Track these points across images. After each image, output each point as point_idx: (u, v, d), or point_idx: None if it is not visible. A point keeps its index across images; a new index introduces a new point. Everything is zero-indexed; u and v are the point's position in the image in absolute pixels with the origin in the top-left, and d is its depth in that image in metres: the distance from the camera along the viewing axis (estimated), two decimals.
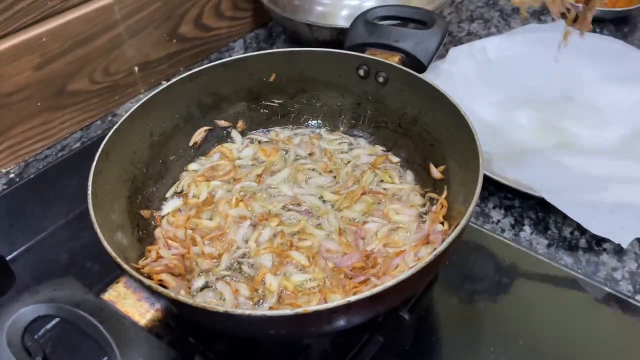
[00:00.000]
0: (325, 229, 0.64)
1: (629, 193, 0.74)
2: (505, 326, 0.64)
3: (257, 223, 0.64)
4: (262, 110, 0.78)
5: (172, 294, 0.45)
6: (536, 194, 0.76)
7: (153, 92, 0.68)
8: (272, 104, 0.78)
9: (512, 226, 0.78)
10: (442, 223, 0.61)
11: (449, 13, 1.25)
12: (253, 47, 1.18)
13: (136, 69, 1.03)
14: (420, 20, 0.76)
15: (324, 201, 0.67)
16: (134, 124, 0.65)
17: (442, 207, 0.63)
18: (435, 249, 0.55)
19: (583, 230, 0.76)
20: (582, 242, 0.76)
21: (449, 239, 0.50)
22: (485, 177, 0.80)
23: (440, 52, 1.14)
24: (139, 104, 0.66)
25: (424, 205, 0.66)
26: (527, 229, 0.78)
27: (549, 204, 0.75)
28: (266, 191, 0.69)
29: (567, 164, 0.82)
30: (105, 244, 0.49)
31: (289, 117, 0.79)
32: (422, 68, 0.72)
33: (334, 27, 0.97)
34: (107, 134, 0.61)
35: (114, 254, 0.48)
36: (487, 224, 0.79)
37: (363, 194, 0.67)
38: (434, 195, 0.66)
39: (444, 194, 0.64)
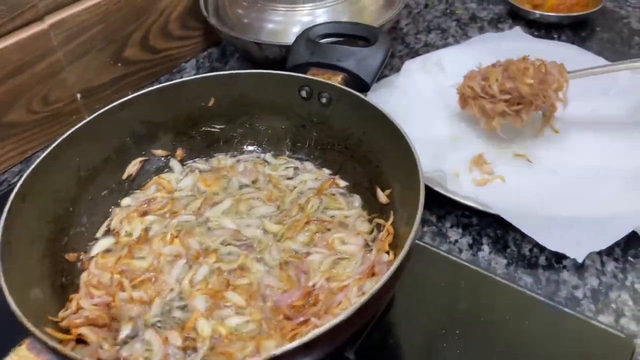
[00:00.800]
0: (267, 263, 0.60)
1: (584, 207, 0.71)
2: (465, 356, 0.60)
3: (193, 261, 0.60)
4: (202, 137, 0.74)
5: (78, 357, 0.40)
6: (492, 211, 0.73)
7: (78, 125, 0.63)
8: (212, 129, 0.74)
9: (470, 246, 0.75)
10: (388, 252, 0.58)
11: (406, 24, 1.23)
12: (205, 67, 1.15)
13: (79, 96, 0.98)
14: (363, 37, 0.73)
15: (266, 232, 0.63)
16: (58, 160, 0.61)
17: (389, 234, 0.59)
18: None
19: (542, 247, 0.74)
20: (542, 260, 0.73)
21: (388, 273, 0.47)
22: (441, 196, 0.77)
23: (396, 64, 1.12)
24: (61, 138, 0.61)
25: (371, 232, 0.63)
26: (486, 248, 0.75)
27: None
28: (205, 225, 0.65)
29: (523, 179, 0.79)
30: (8, 298, 0.45)
31: (231, 143, 0.75)
32: (365, 87, 0.69)
33: (283, 45, 0.94)
34: None
35: (15, 308, 0.43)
36: (444, 244, 0.75)
37: (307, 222, 0.63)
38: (380, 221, 0.63)
39: (390, 220, 0.60)
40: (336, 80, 0.69)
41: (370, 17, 1.02)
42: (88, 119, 0.65)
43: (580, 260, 0.67)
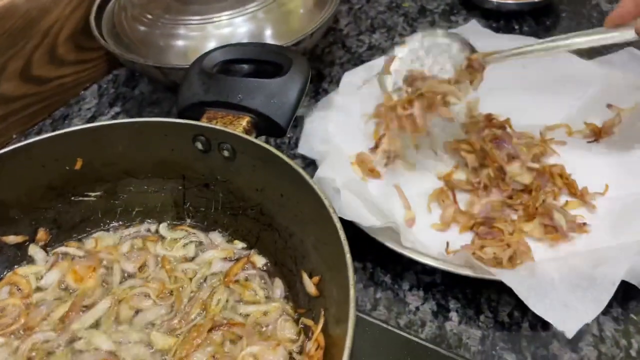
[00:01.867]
0: None
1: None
2: None
3: None
4: (72, 210, 0.56)
5: None
6: (456, 271, 0.57)
7: None
8: (86, 199, 0.56)
9: (435, 315, 0.59)
10: None
11: (346, 24, 1.06)
12: (110, 93, 0.95)
13: None
14: (273, 63, 0.55)
15: (153, 351, 0.46)
16: None
17: (319, 347, 0.43)
18: None
19: (524, 310, 0.58)
20: (525, 327, 0.58)
21: None
22: (393, 252, 0.61)
23: (336, 75, 0.95)
24: None
25: (297, 338, 0.46)
26: (454, 316, 0.59)
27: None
28: (70, 346, 0.47)
29: None
30: None
31: (113, 214, 0.57)
32: (280, 131, 0.52)
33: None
34: None
35: None
36: (403, 315, 0.60)
37: (211, 329, 0.46)
38: (309, 323, 0.46)
39: (321, 323, 0.44)
40: (240, 125, 0.52)
41: (301, 22, 0.85)
42: None
43: (569, 337, 0.52)
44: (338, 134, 0.72)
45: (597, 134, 0.72)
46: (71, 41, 0.91)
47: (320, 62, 0.96)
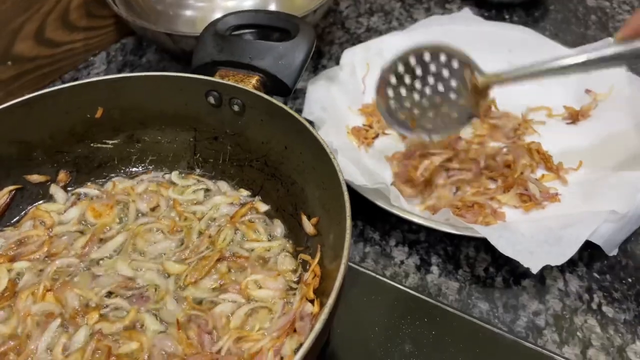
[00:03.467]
0: (164, 319, 0.48)
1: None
2: None
3: (69, 321, 0.47)
4: (91, 156, 0.61)
5: None
6: (437, 226, 0.63)
7: None
8: (104, 146, 0.61)
9: (418, 268, 0.65)
10: (313, 300, 0.47)
11: (346, 7, 1.11)
12: (118, 60, 1.00)
13: None
14: (282, 29, 0.60)
15: (166, 276, 0.51)
16: None
17: (315, 276, 0.48)
18: (301, 344, 0.41)
19: (498, 267, 0.64)
20: (499, 281, 0.64)
21: (311, 337, 0.36)
22: (383, 211, 0.66)
23: (335, 53, 1.00)
24: None
25: (295, 270, 0.52)
26: (435, 270, 0.65)
27: (459, 235, 0.62)
28: (90, 271, 0.52)
29: None
30: None
31: (128, 161, 0.62)
32: (286, 90, 0.57)
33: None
34: None
35: None
36: (389, 267, 0.65)
37: (219, 259, 0.52)
38: (306, 258, 0.51)
39: (317, 257, 0.49)
40: (250, 82, 0.57)
41: (304, 0, 0.90)
42: None
43: (534, 271, 0.58)
44: (337, 104, 0.77)
45: (574, 117, 0.78)
46: (83, 8, 0.95)
47: (320, 40, 1.01)
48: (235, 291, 0.49)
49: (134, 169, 0.62)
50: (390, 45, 0.87)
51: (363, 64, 0.84)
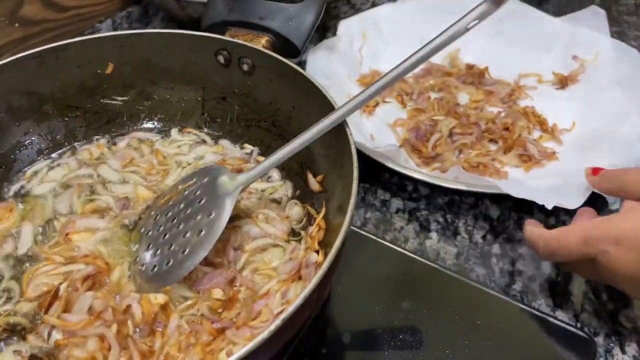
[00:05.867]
0: None
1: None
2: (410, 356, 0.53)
3: None
4: (101, 111, 0.61)
5: None
6: (447, 184, 0.65)
7: None
8: (114, 102, 0.61)
9: (417, 234, 0.67)
10: (318, 251, 0.48)
11: None
12: (124, 28, 1.00)
13: None
14: None
15: None
16: None
17: (320, 228, 0.50)
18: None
19: (496, 234, 0.66)
20: (495, 248, 0.65)
21: (313, 283, 0.37)
22: (386, 179, 0.68)
23: (335, 26, 1.01)
24: None
25: (300, 220, 0.53)
26: (434, 235, 0.66)
27: (458, 204, 0.64)
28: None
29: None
30: None
31: (138, 118, 0.63)
32: (295, 52, 0.58)
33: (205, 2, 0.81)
34: None
35: None
36: (389, 232, 0.67)
37: None
38: (312, 211, 0.53)
39: (322, 212, 0.51)
40: (259, 42, 0.58)
41: None
42: None
43: (549, 207, 0.60)
44: (337, 73, 0.78)
45: (563, 82, 0.82)
46: None
47: (325, 15, 1.02)
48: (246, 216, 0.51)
49: (142, 126, 0.63)
50: (384, 16, 0.89)
51: (360, 35, 0.85)
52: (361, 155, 0.67)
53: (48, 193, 0.56)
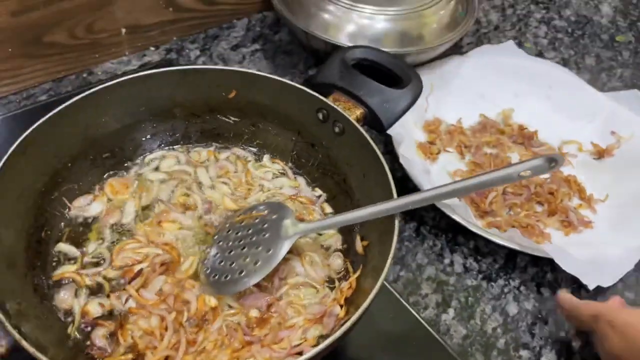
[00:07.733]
0: None
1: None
2: None
3: None
4: (215, 124, 0.75)
5: None
6: (511, 245, 0.74)
7: (96, 87, 0.65)
8: (228, 120, 0.74)
9: (438, 305, 0.76)
10: (342, 306, 0.59)
11: (468, 43, 1.17)
12: (256, 30, 1.13)
13: (123, 30, 0.99)
14: (396, 75, 0.71)
15: None
16: (68, 118, 0.63)
17: (350, 287, 0.60)
18: (322, 335, 0.53)
19: (505, 331, 0.73)
20: (501, 343, 0.73)
21: (337, 334, 0.48)
22: (435, 235, 0.77)
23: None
24: (76, 98, 0.63)
25: (339, 272, 0.64)
26: (452, 312, 0.75)
27: (483, 292, 0.72)
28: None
29: None
30: None
31: (240, 138, 0.76)
32: (382, 129, 0.68)
33: (330, 42, 0.92)
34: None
35: None
36: (413, 295, 0.76)
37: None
38: (350, 269, 0.63)
39: (357, 274, 0.61)
40: (355, 113, 0.68)
41: (431, 36, 0.98)
42: (108, 83, 0.66)
43: (591, 287, 0.71)
44: (406, 120, 0.86)
45: (600, 154, 0.91)
46: None
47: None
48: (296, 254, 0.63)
49: (242, 146, 0.76)
50: (447, 70, 0.98)
51: (427, 84, 0.93)
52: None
53: (157, 180, 0.70)
